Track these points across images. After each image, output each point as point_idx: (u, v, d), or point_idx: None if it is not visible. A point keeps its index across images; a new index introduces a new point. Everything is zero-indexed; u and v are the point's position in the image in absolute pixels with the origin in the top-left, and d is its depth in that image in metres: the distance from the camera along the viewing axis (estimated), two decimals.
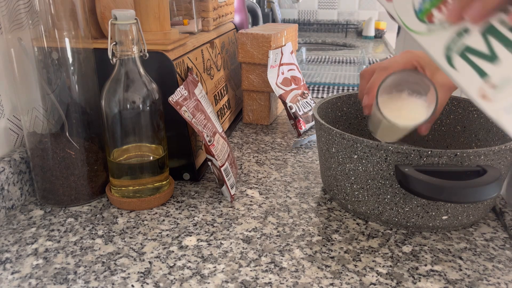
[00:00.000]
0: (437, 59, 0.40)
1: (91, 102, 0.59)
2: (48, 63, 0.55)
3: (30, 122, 0.58)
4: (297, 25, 1.02)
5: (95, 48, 0.60)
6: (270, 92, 0.90)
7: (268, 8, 2.24)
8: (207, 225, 0.55)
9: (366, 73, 0.59)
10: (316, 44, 2.27)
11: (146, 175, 0.58)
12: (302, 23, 2.53)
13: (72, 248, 0.50)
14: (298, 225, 0.55)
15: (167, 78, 0.61)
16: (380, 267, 0.47)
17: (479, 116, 0.64)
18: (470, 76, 0.37)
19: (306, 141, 0.82)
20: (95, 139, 0.60)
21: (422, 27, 0.42)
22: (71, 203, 0.59)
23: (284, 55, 0.89)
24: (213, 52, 0.81)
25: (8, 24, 0.55)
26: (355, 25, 2.47)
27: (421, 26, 0.42)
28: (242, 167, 0.72)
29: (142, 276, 0.45)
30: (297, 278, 0.45)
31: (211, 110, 0.64)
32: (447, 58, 0.39)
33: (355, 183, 0.54)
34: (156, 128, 0.58)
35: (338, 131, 0.54)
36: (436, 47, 0.40)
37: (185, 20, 0.78)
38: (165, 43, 0.61)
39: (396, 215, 0.53)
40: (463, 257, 0.49)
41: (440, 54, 0.40)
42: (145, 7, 0.61)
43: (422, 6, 0.42)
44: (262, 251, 0.50)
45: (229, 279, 0.45)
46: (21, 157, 0.59)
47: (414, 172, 0.47)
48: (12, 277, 0.45)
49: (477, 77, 0.36)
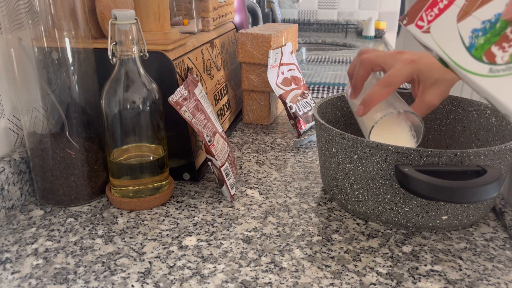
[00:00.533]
0: (505, 107, 0.34)
1: (91, 102, 0.59)
2: (48, 63, 0.55)
3: (30, 122, 0.58)
4: (297, 25, 1.02)
5: (95, 48, 0.60)
6: (270, 92, 0.90)
7: (268, 8, 2.24)
8: (207, 225, 0.55)
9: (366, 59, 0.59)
10: (316, 44, 2.27)
11: (146, 175, 0.58)
12: (302, 23, 2.53)
13: (72, 248, 0.50)
14: (298, 225, 0.55)
15: (167, 78, 0.61)
16: (380, 267, 0.47)
17: (479, 116, 0.64)
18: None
19: (306, 141, 0.82)
20: (95, 139, 0.60)
21: (481, 67, 0.36)
22: (71, 203, 0.59)
23: (284, 55, 0.89)
24: (213, 52, 0.81)
25: (8, 24, 0.55)
26: (355, 25, 2.47)
27: (480, 66, 0.36)
28: (242, 167, 0.72)
29: (142, 276, 0.45)
30: (297, 278, 0.45)
31: (211, 110, 0.64)
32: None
33: (355, 183, 0.54)
34: (156, 128, 0.58)
35: (338, 131, 0.54)
36: (505, 93, 0.34)
37: (185, 20, 0.78)
38: (165, 43, 0.61)
39: (396, 215, 0.53)
40: (463, 257, 0.49)
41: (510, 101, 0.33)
42: (145, 7, 0.61)
43: (475, 41, 0.36)
44: (262, 251, 0.50)
45: (229, 279, 0.45)
46: (21, 157, 0.59)
47: (414, 172, 0.47)
48: (12, 277, 0.45)
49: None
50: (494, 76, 0.35)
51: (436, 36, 0.41)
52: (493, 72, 0.35)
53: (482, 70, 0.36)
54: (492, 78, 0.35)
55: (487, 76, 0.35)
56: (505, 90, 0.34)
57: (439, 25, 0.41)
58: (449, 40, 0.39)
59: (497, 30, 0.35)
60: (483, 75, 0.36)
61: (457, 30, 0.39)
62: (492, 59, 0.35)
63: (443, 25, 0.41)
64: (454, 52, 0.39)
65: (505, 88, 0.34)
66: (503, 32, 0.34)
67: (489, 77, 0.35)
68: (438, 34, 0.41)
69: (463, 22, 0.38)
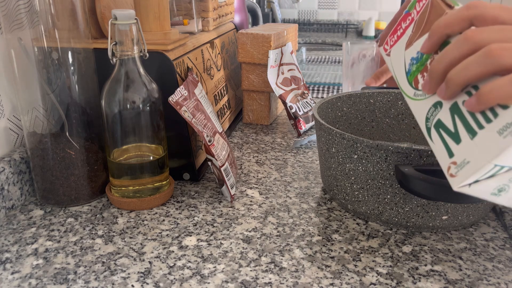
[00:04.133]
0: (421, 128, 0.39)
1: (91, 102, 0.59)
2: (48, 63, 0.55)
3: (30, 122, 0.58)
4: (297, 25, 1.02)
5: (95, 48, 0.60)
6: (270, 92, 0.90)
7: (268, 8, 2.24)
8: (207, 225, 0.55)
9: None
10: (316, 44, 2.27)
11: (146, 175, 0.58)
12: (302, 23, 2.52)
13: (72, 248, 0.50)
14: (298, 225, 0.55)
15: (167, 78, 0.61)
16: (380, 267, 0.47)
17: None
18: (442, 152, 0.36)
19: (306, 141, 0.82)
20: (95, 139, 0.60)
21: (410, 91, 0.41)
22: (71, 203, 0.59)
23: (284, 55, 0.89)
24: (213, 52, 0.81)
25: (8, 24, 0.55)
26: (355, 25, 2.47)
27: (410, 90, 0.41)
28: (242, 167, 0.72)
29: (142, 276, 0.45)
30: (297, 278, 0.45)
31: (211, 110, 0.64)
32: (427, 129, 0.38)
33: (355, 183, 0.54)
34: (156, 128, 0.58)
35: (338, 131, 0.54)
36: (419, 115, 0.39)
37: (185, 20, 0.78)
38: (165, 43, 0.61)
39: (396, 215, 0.53)
40: (463, 257, 0.49)
41: (423, 124, 0.39)
42: (145, 7, 0.61)
43: (410, 68, 0.42)
44: (262, 251, 0.50)
45: (229, 279, 0.45)
46: (21, 157, 0.59)
47: (414, 172, 0.47)
48: (12, 277, 0.45)
49: (445, 155, 0.35)
50: (415, 99, 0.40)
51: (393, 60, 0.45)
52: (416, 96, 0.40)
53: (411, 93, 0.41)
54: (414, 100, 0.40)
55: (412, 99, 0.41)
56: (418, 111, 0.39)
57: (396, 50, 0.45)
58: (399, 64, 0.44)
59: (423, 60, 0.40)
60: (410, 97, 0.41)
61: (403, 57, 0.43)
62: (416, 85, 0.40)
63: (397, 50, 0.45)
64: (400, 75, 0.43)
65: (418, 109, 0.39)
66: (426, 63, 0.39)
67: (413, 99, 0.41)
68: (394, 58, 0.45)
69: (408, 50, 0.43)
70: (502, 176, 0.31)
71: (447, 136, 0.35)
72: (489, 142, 0.30)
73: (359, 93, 0.71)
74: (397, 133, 0.73)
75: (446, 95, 0.34)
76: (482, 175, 0.31)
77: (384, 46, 0.48)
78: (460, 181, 0.33)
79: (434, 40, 0.37)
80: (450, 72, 0.33)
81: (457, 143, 0.34)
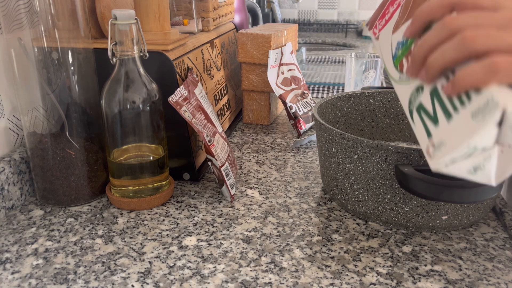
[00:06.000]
0: (405, 111, 0.41)
1: (91, 102, 0.59)
2: (48, 63, 0.55)
3: (30, 122, 0.58)
4: (297, 25, 1.02)
5: (95, 48, 0.60)
6: (270, 92, 0.90)
7: (268, 8, 2.24)
8: (207, 225, 0.55)
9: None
10: (316, 44, 2.27)
11: (146, 175, 0.58)
12: (302, 23, 2.53)
13: (72, 248, 0.50)
14: (298, 225, 0.55)
15: (167, 78, 0.61)
16: (380, 267, 0.47)
17: None
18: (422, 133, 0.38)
19: (306, 141, 0.82)
20: (95, 139, 0.60)
21: (396, 74, 0.43)
22: (71, 203, 0.59)
23: (284, 55, 0.89)
24: (213, 52, 0.81)
25: (8, 24, 0.55)
26: (355, 25, 2.47)
27: (395, 73, 0.43)
28: (242, 167, 0.72)
29: (142, 276, 0.45)
30: (297, 278, 0.45)
31: (211, 110, 0.64)
32: (409, 111, 0.40)
33: (355, 183, 0.54)
34: (156, 128, 0.58)
35: (338, 131, 0.54)
36: (403, 98, 0.41)
37: (185, 20, 0.78)
38: (165, 43, 0.61)
39: (396, 215, 0.53)
40: (463, 257, 0.49)
41: (406, 107, 0.41)
42: (145, 7, 0.61)
43: (397, 52, 0.43)
44: (262, 251, 0.50)
45: (229, 279, 0.45)
46: (21, 157, 0.59)
47: (414, 172, 0.47)
48: (12, 277, 0.45)
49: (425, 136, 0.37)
50: (400, 83, 0.41)
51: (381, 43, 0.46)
52: (400, 79, 0.41)
53: (396, 76, 0.42)
54: (400, 84, 0.42)
55: (398, 83, 0.42)
56: (403, 94, 0.41)
57: (384, 34, 0.46)
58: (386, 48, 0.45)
59: (408, 45, 0.41)
60: (396, 81, 0.42)
61: (390, 41, 0.44)
62: (402, 68, 0.41)
63: (385, 34, 0.46)
64: (387, 59, 0.44)
65: (403, 93, 0.41)
66: (410, 47, 0.40)
67: (398, 83, 0.42)
68: (382, 42, 0.46)
69: (395, 35, 0.44)
70: (478, 156, 0.32)
71: (427, 118, 0.37)
72: (463, 125, 0.32)
73: (359, 93, 0.71)
74: (397, 133, 0.73)
75: (427, 79, 0.36)
76: (458, 156, 0.32)
77: (373, 30, 0.49)
78: (436, 162, 0.34)
79: (417, 25, 0.38)
80: (429, 58, 0.35)
81: (435, 125, 0.35)
